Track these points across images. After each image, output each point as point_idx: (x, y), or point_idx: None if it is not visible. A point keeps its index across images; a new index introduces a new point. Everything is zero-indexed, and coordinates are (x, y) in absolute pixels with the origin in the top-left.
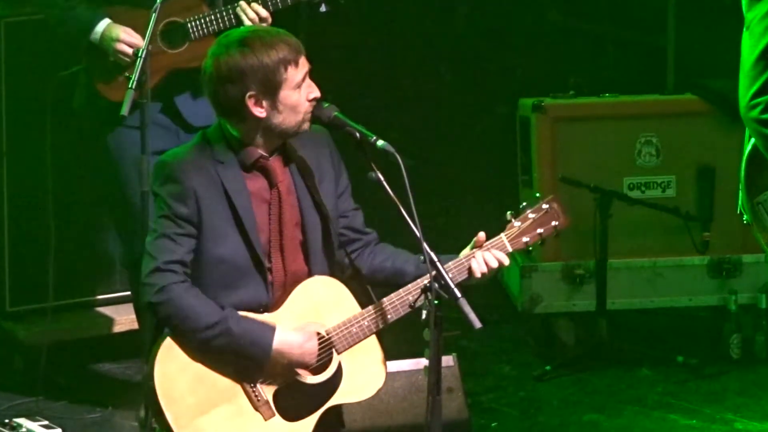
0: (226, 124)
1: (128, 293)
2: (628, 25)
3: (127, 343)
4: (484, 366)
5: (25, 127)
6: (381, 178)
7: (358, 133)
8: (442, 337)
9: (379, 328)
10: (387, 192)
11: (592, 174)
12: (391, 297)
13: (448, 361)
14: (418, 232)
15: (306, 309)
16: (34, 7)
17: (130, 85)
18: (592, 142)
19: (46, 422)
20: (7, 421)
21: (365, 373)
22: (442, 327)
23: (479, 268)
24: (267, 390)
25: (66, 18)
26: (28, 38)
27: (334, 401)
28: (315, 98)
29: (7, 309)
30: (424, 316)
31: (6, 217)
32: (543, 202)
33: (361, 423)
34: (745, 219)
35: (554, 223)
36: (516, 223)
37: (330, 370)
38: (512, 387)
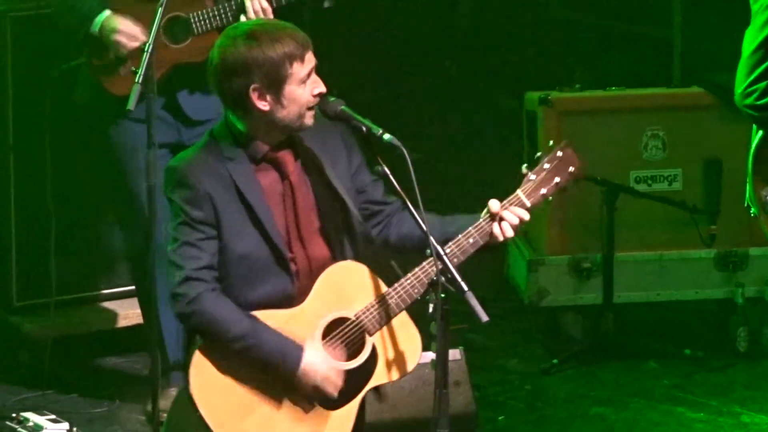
0: (232, 118)
1: (133, 287)
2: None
3: (134, 337)
4: (491, 359)
5: (32, 121)
6: (387, 171)
7: (365, 127)
8: (449, 331)
9: (408, 303)
10: (393, 185)
11: (598, 167)
12: (415, 270)
13: (455, 354)
14: (425, 225)
15: (331, 297)
16: (39, 0)
17: (137, 80)
18: (599, 135)
19: (53, 416)
20: (14, 415)
21: (400, 350)
22: (449, 320)
23: (501, 230)
24: None
25: (68, 9)
26: (35, 32)
27: (372, 383)
28: (320, 93)
29: (14, 304)
30: (431, 309)
31: (13, 211)
32: (557, 149)
33: (368, 417)
34: (752, 212)
35: (571, 170)
36: (532, 176)
37: (364, 354)
38: (519, 380)
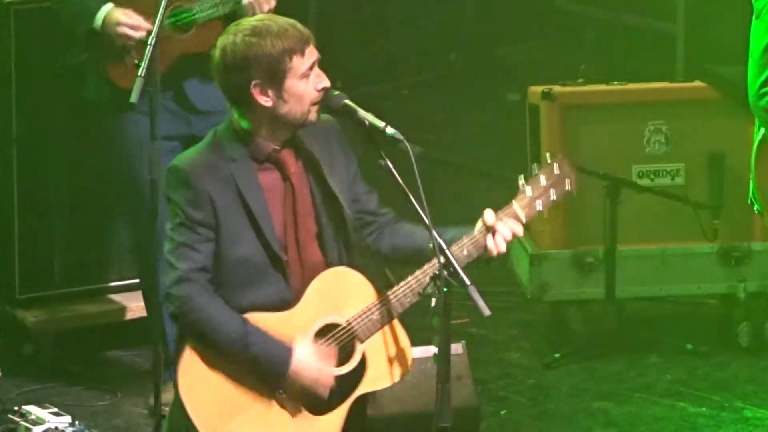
0: (236, 116)
1: (137, 281)
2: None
3: (137, 331)
4: (494, 353)
5: (35, 114)
6: (390, 165)
7: (368, 121)
8: (451, 325)
9: (399, 312)
10: (396, 179)
11: (601, 162)
12: (408, 279)
13: (457, 348)
14: (427, 219)
15: (324, 303)
16: None
17: (139, 73)
18: (602, 129)
19: (55, 409)
20: (16, 408)
21: (389, 358)
22: (451, 314)
23: (496, 244)
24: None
25: (69, 5)
26: (38, 25)
27: (361, 390)
28: (323, 88)
29: (17, 296)
30: (433, 303)
31: (16, 204)
32: (554, 163)
33: (370, 411)
34: (756, 208)
35: (567, 184)
36: (528, 190)
37: (354, 361)
38: (521, 374)
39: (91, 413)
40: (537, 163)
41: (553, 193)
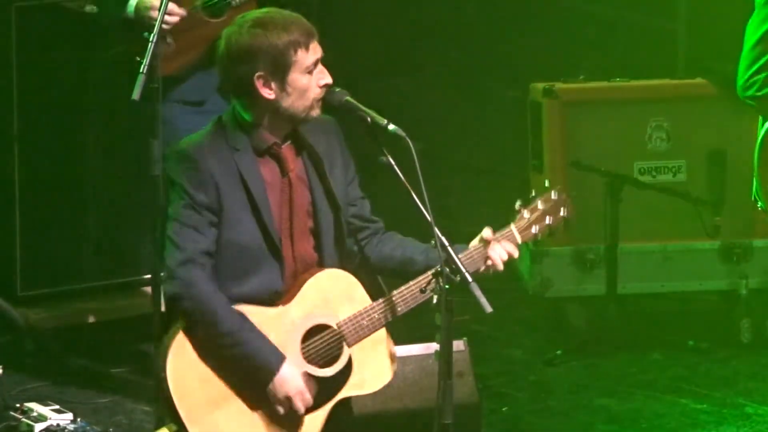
0: (239, 107)
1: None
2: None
3: (138, 328)
4: (495, 350)
5: (36, 112)
6: (392, 162)
7: (369, 118)
8: (453, 322)
9: (389, 320)
10: (398, 176)
11: (602, 158)
12: (401, 289)
13: (458, 345)
14: (429, 216)
15: (317, 302)
16: None
17: (141, 70)
18: (603, 126)
19: (57, 407)
20: (18, 405)
21: (374, 365)
22: (453, 311)
23: (493, 262)
24: None
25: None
26: (39, 23)
27: (343, 393)
28: (326, 84)
29: (18, 294)
30: (435, 300)
31: (17, 201)
32: (552, 192)
33: (372, 407)
34: (759, 206)
35: (563, 213)
36: (525, 214)
37: (340, 363)
38: (523, 371)
39: (93, 410)
40: (536, 189)
41: (548, 219)
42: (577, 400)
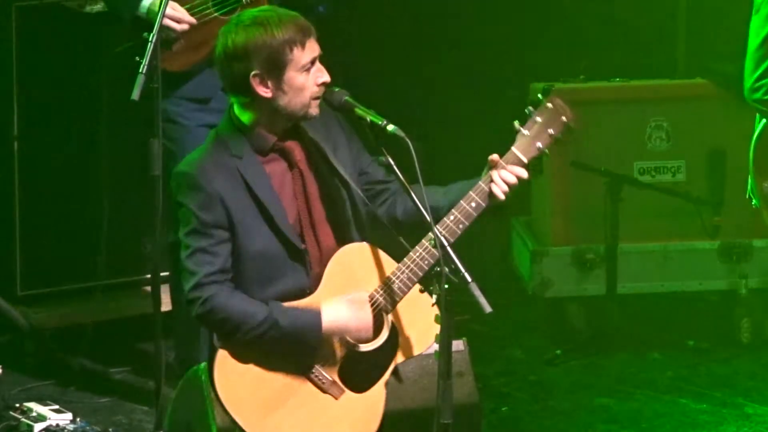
0: (237, 110)
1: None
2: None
3: (139, 327)
4: (495, 350)
5: (36, 112)
6: (391, 162)
7: (369, 118)
8: (453, 322)
9: (419, 277)
10: (397, 176)
11: (602, 158)
12: (423, 242)
13: (458, 345)
14: (428, 215)
15: (343, 281)
16: None
17: (141, 70)
18: (603, 126)
19: (56, 406)
20: (17, 405)
21: (418, 324)
22: (453, 311)
23: (500, 188)
24: (329, 371)
25: None
26: (40, 23)
27: (398, 359)
28: (324, 83)
29: (18, 293)
30: (434, 300)
31: (17, 201)
32: (547, 101)
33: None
34: (754, 203)
35: (563, 119)
36: (525, 131)
37: (385, 333)
38: (523, 371)
39: (92, 410)
40: (530, 106)
41: (551, 131)
42: (577, 400)
